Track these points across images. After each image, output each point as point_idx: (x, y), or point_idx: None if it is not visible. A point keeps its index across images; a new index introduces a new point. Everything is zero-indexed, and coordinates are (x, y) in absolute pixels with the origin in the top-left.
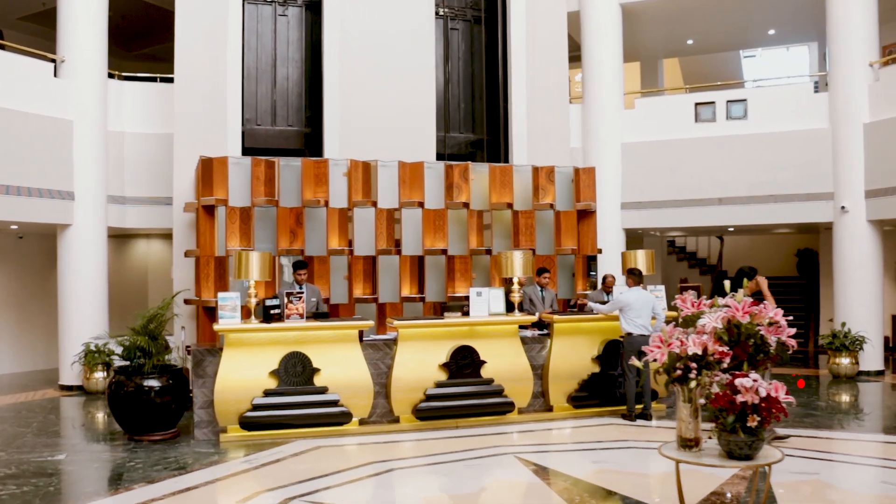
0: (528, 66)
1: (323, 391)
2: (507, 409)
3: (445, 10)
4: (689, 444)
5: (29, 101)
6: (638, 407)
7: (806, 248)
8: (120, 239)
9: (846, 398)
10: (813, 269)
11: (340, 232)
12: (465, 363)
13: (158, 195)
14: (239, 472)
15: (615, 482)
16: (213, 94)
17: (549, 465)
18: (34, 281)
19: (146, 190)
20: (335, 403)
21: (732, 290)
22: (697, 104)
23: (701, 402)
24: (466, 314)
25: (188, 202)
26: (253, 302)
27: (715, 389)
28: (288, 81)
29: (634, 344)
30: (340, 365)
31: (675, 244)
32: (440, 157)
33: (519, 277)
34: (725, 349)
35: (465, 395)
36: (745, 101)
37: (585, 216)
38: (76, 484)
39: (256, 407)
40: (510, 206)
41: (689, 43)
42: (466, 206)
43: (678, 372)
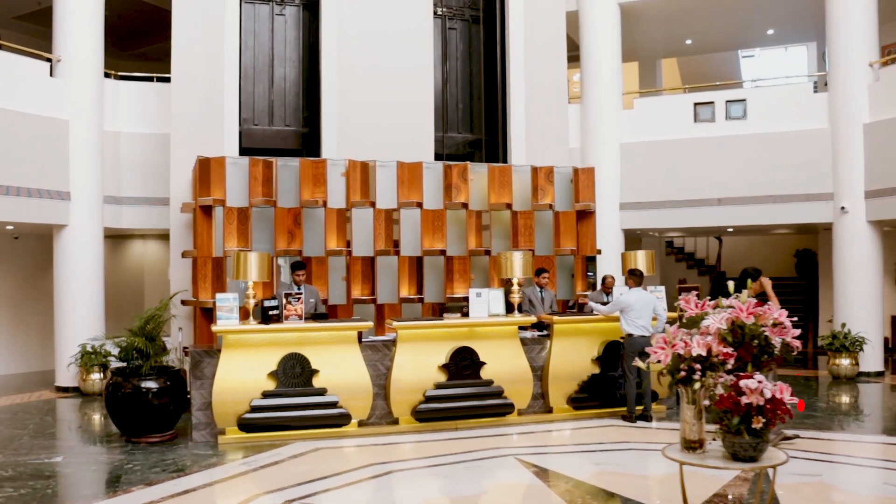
0: (526, 65)
1: (322, 393)
2: (506, 410)
3: (444, 9)
4: (692, 445)
5: (25, 100)
6: (638, 408)
7: (804, 248)
8: (116, 239)
9: (846, 399)
10: (811, 269)
11: (339, 232)
12: (464, 364)
13: (155, 195)
14: (238, 474)
15: (616, 484)
16: (210, 93)
17: (549, 466)
18: (30, 282)
19: (142, 190)
20: (334, 405)
21: (736, 290)
22: (696, 104)
23: (705, 403)
24: (466, 315)
25: (185, 202)
26: (251, 303)
27: (719, 391)
28: (285, 81)
29: (635, 345)
30: (339, 366)
31: (673, 245)
32: (438, 157)
33: (518, 278)
34: (730, 350)
35: (464, 396)
36: (744, 101)
37: (584, 216)
38: (74, 486)
39: (255, 408)
40: (509, 206)
41: (687, 43)
42: (465, 206)
43: (682, 373)
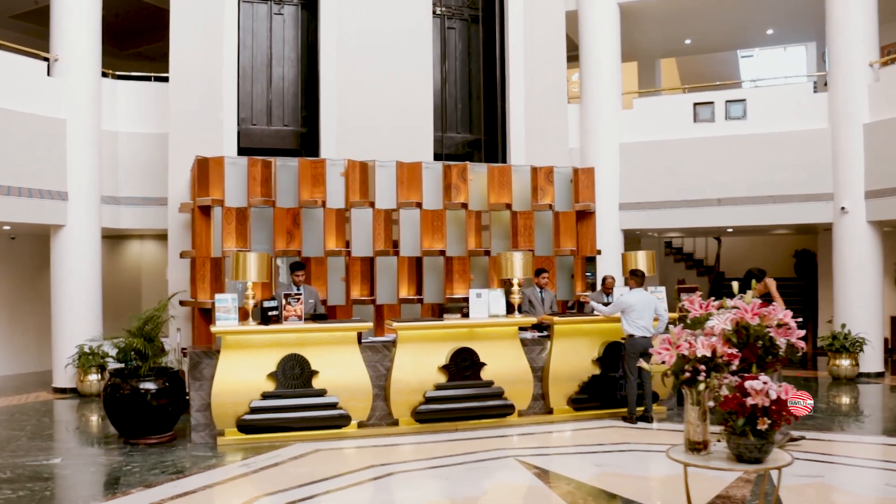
0: (525, 65)
1: (321, 394)
2: (507, 411)
3: (442, 8)
4: (697, 447)
5: (22, 100)
6: (639, 409)
7: (803, 249)
8: (113, 240)
9: (847, 400)
10: (810, 270)
11: (338, 233)
12: (464, 365)
13: (153, 195)
14: (237, 475)
15: (618, 485)
16: (208, 93)
17: (550, 468)
18: (27, 282)
19: (140, 190)
20: (334, 406)
21: (741, 291)
22: (696, 104)
23: (709, 404)
24: (466, 316)
25: (184, 202)
26: (250, 303)
27: (724, 392)
28: (283, 81)
29: (636, 346)
30: (339, 367)
31: (671, 245)
32: (437, 157)
33: (518, 279)
34: (734, 351)
35: (464, 397)
36: (744, 101)
37: (584, 217)
38: (73, 488)
39: (254, 410)
40: (509, 206)
41: (686, 43)
42: (465, 206)
43: (687, 374)
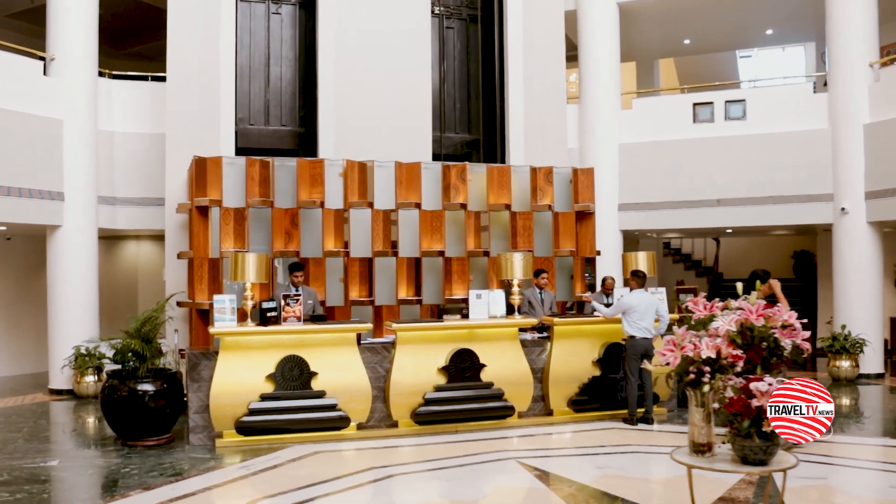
0: (524, 65)
1: (320, 395)
2: (507, 413)
3: (441, 8)
4: (701, 449)
5: (18, 99)
6: (639, 411)
7: (802, 249)
8: (109, 240)
9: (847, 401)
10: (809, 271)
11: (336, 233)
12: (464, 367)
13: (149, 196)
14: (237, 478)
15: (620, 487)
16: (205, 93)
17: (551, 470)
18: (23, 283)
19: (137, 190)
20: (333, 408)
21: (745, 292)
22: (695, 104)
23: (714, 406)
24: (466, 317)
25: (181, 203)
26: (249, 304)
27: (729, 394)
28: (281, 80)
29: (637, 347)
30: (338, 369)
31: (670, 246)
32: (436, 157)
33: (518, 280)
34: (739, 352)
35: (464, 399)
36: (743, 101)
37: (584, 217)
38: (71, 491)
39: (253, 411)
40: (508, 207)
41: (685, 43)
42: (464, 207)
43: (691, 376)
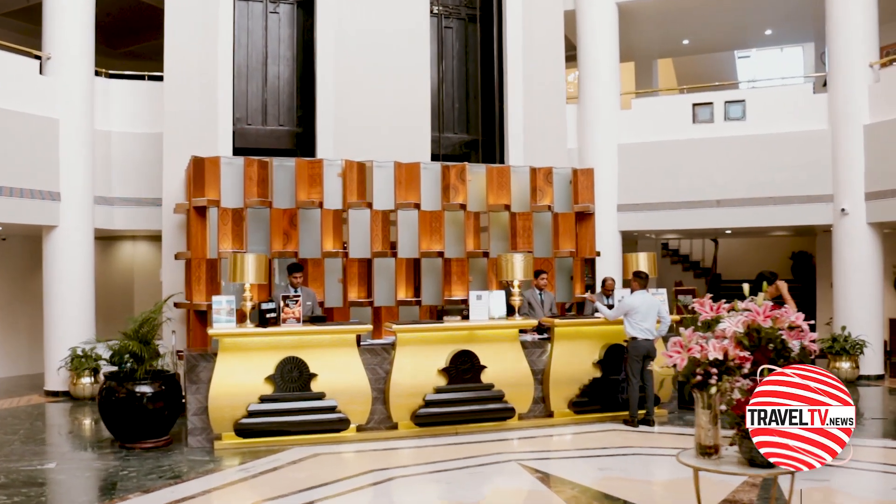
0: (523, 65)
1: (320, 397)
2: (507, 414)
3: (440, 7)
4: (708, 451)
5: (14, 99)
6: (640, 412)
7: (801, 250)
8: (105, 241)
9: None
10: (808, 271)
11: (335, 234)
12: (464, 368)
13: (146, 196)
14: (236, 480)
15: (622, 489)
16: (203, 92)
17: (553, 472)
18: (18, 283)
19: (134, 191)
20: (332, 410)
21: (752, 293)
22: (695, 105)
23: (721, 408)
24: (466, 318)
25: (179, 203)
26: (248, 305)
27: (736, 395)
28: (279, 80)
29: (639, 348)
30: (338, 370)
31: (668, 247)
32: (434, 157)
33: (519, 281)
34: (746, 354)
35: (464, 400)
36: (743, 101)
37: (584, 218)
38: (68, 493)
39: (252, 413)
40: (507, 207)
41: (684, 43)
42: (463, 207)
43: (698, 377)
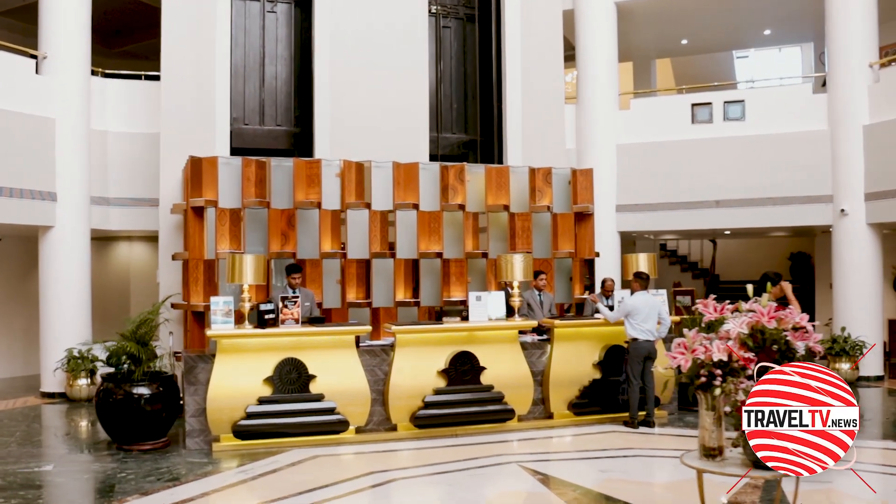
0: (522, 65)
1: (319, 399)
2: (507, 416)
3: (437, 7)
4: (712, 453)
5: (10, 98)
6: (640, 414)
7: (799, 251)
8: (101, 241)
9: None
10: (806, 272)
11: (333, 234)
12: (464, 369)
13: (143, 196)
14: (235, 482)
15: (624, 491)
16: (200, 92)
17: (554, 473)
18: (14, 284)
19: (130, 191)
20: (331, 411)
21: (756, 294)
22: (694, 105)
23: (725, 409)
24: (465, 319)
25: (176, 203)
26: (247, 306)
27: (740, 397)
28: (276, 80)
29: (640, 350)
30: (337, 372)
31: (666, 248)
32: (433, 157)
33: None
34: (751, 355)
35: (464, 402)
36: (742, 101)
37: (583, 219)
38: (67, 496)
39: (250, 415)
40: (507, 208)
41: (683, 43)
42: (462, 208)
43: (702, 379)
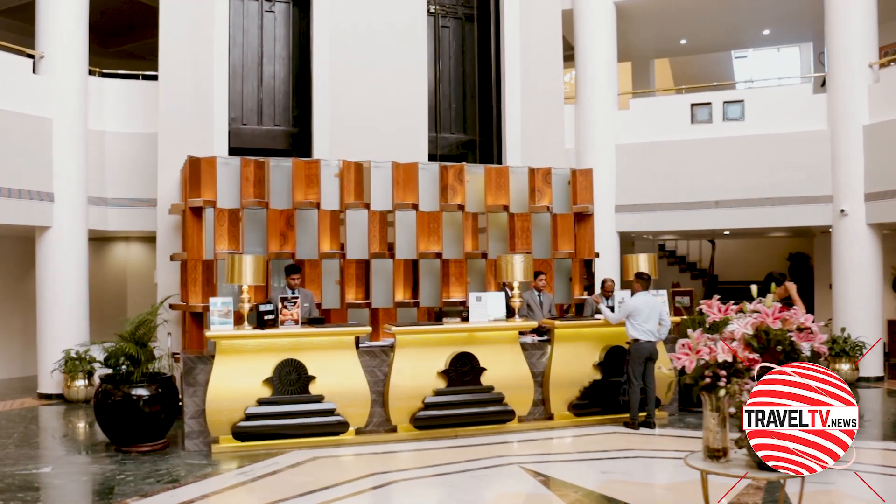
0: (521, 65)
1: (318, 400)
2: (507, 417)
3: (436, 6)
4: (716, 454)
5: (7, 98)
6: (641, 415)
7: (798, 252)
8: (97, 242)
9: None
10: (805, 273)
11: (332, 235)
12: (464, 370)
13: (140, 196)
14: (235, 484)
15: (625, 492)
16: (198, 92)
17: (555, 475)
18: (11, 285)
19: (128, 191)
20: (331, 412)
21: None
22: (693, 105)
23: (730, 410)
24: (465, 320)
25: (174, 204)
26: (246, 307)
27: (745, 398)
28: (274, 79)
29: (641, 350)
30: (336, 373)
31: (665, 248)
32: (431, 157)
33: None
34: (756, 356)
35: (464, 403)
36: (741, 101)
37: (582, 219)
38: (65, 498)
39: (250, 416)
40: (506, 208)
41: (682, 43)
42: (461, 208)
43: (707, 380)
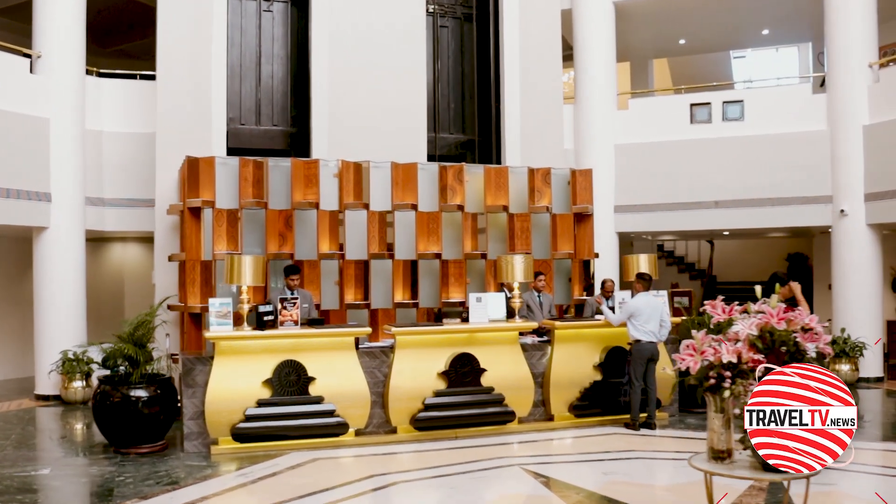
0: (520, 65)
1: (318, 401)
2: (507, 418)
3: (435, 6)
4: (720, 455)
5: (4, 98)
6: (642, 416)
7: (797, 252)
8: (95, 242)
9: None
10: (804, 273)
11: (331, 235)
12: (464, 371)
13: (138, 197)
14: (235, 486)
15: (627, 494)
16: (196, 91)
17: (557, 476)
18: (8, 285)
19: (125, 191)
20: (331, 414)
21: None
22: (693, 105)
23: (735, 412)
24: (465, 320)
25: (172, 204)
26: (245, 308)
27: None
28: (273, 79)
29: (643, 351)
30: (336, 374)
31: (663, 248)
32: (430, 158)
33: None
34: (760, 357)
35: (464, 404)
36: (741, 102)
37: (582, 219)
38: (64, 500)
39: (249, 418)
40: (506, 208)
41: (681, 43)
42: (461, 208)
43: (711, 381)
